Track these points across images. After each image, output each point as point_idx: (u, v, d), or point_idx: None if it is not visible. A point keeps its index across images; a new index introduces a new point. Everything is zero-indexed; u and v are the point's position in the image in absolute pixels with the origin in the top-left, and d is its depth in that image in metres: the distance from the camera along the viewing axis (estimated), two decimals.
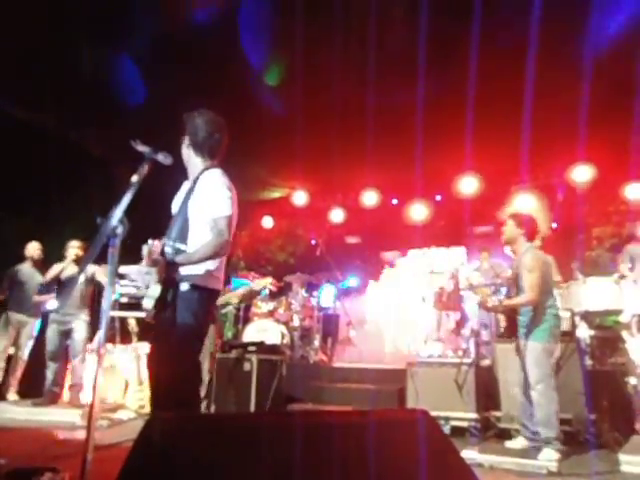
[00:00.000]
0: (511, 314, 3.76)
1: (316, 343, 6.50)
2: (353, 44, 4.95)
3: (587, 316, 4.46)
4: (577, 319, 4.38)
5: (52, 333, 5.22)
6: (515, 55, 4.74)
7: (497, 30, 4.63)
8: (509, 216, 3.92)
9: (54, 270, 5.37)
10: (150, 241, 2.33)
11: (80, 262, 5.30)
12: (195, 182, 2.49)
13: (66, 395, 5.43)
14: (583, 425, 3.86)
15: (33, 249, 5.74)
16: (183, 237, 2.40)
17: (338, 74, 5.25)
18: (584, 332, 4.40)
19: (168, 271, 2.31)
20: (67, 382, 5.49)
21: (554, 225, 7.20)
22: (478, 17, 4.22)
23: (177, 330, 2.32)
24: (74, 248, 5.41)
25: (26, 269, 5.73)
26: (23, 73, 5.37)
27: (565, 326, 4.27)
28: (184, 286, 2.37)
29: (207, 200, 2.40)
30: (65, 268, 5.35)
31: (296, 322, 6.39)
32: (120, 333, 5.83)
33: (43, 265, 5.73)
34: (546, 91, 4.94)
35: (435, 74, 5.11)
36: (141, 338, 5.30)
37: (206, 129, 2.52)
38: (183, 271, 2.36)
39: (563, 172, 6.85)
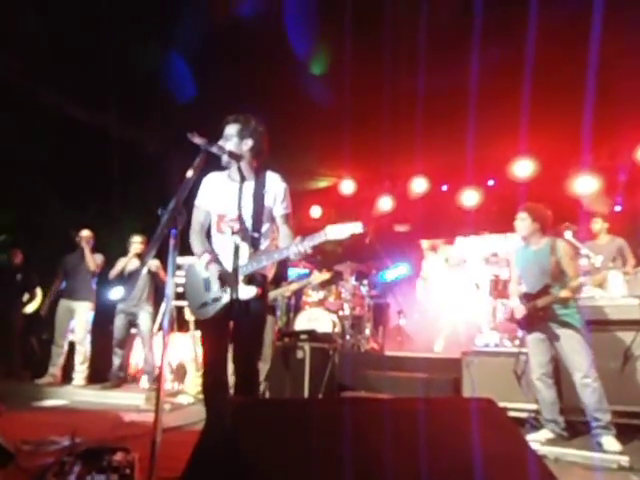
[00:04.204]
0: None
1: (367, 332, 6.48)
2: (401, 29, 4.83)
3: None
4: None
5: (119, 322, 5.59)
6: (574, 27, 4.46)
7: (554, 4, 4.37)
8: (524, 209, 3.81)
9: (118, 265, 5.69)
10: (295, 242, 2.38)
11: (142, 256, 5.55)
12: (261, 180, 2.61)
13: (142, 380, 5.75)
14: None
15: (86, 237, 5.90)
16: (258, 230, 2.54)
17: (386, 60, 5.15)
18: None
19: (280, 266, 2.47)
20: (140, 368, 5.82)
21: (618, 208, 6.79)
22: None
23: (253, 320, 2.44)
24: (137, 243, 5.71)
25: (74, 256, 5.93)
26: (84, 77, 5.62)
27: (634, 314, 4.02)
28: (260, 279, 2.52)
29: (280, 198, 2.61)
30: (128, 262, 5.66)
31: (347, 311, 6.39)
32: (177, 321, 6.06)
33: (95, 253, 5.95)
34: (609, 65, 4.63)
35: (487, 53, 4.90)
36: (197, 325, 5.48)
37: (265, 139, 2.67)
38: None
39: (629, 153, 6.42)
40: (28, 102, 5.80)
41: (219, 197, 2.63)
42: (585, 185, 6.65)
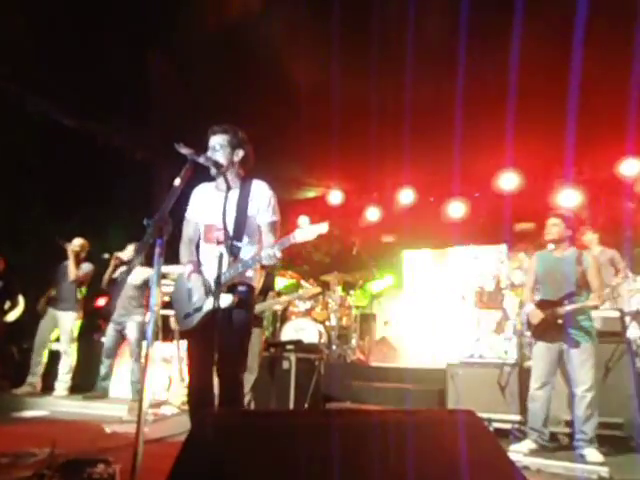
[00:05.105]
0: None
1: (353, 342, 6.48)
2: (388, 41, 4.90)
3: (638, 316, 4.27)
4: (627, 319, 4.19)
5: (110, 331, 5.51)
6: (557, 43, 4.57)
7: (537, 19, 4.48)
8: (557, 215, 3.82)
9: (106, 274, 5.64)
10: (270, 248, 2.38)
11: (127, 264, 5.49)
12: (246, 189, 2.61)
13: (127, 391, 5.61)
14: (635, 430, 3.70)
15: (72, 245, 5.78)
16: (240, 239, 2.52)
17: (374, 72, 5.21)
18: (635, 333, 4.21)
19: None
20: (128, 379, 5.67)
21: (600, 221, 6.92)
22: (519, 6, 4.09)
23: (236, 330, 2.43)
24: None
25: (63, 266, 5.81)
26: (70, 83, 5.60)
27: (615, 327, 4.10)
28: (242, 288, 2.50)
29: (265, 206, 2.60)
30: (112, 271, 5.61)
31: (333, 321, 6.39)
32: (162, 331, 6.00)
33: (85, 262, 5.85)
34: (591, 80, 4.74)
35: (472, 68, 4.99)
36: (183, 336, 5.43)
37: (251, 148, 2.70)
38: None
39: (611, 166, 6.56)
40: (14, 107, 5.75)
41: (206, 208, 2.64)
42: (568, 198, 6.77)
